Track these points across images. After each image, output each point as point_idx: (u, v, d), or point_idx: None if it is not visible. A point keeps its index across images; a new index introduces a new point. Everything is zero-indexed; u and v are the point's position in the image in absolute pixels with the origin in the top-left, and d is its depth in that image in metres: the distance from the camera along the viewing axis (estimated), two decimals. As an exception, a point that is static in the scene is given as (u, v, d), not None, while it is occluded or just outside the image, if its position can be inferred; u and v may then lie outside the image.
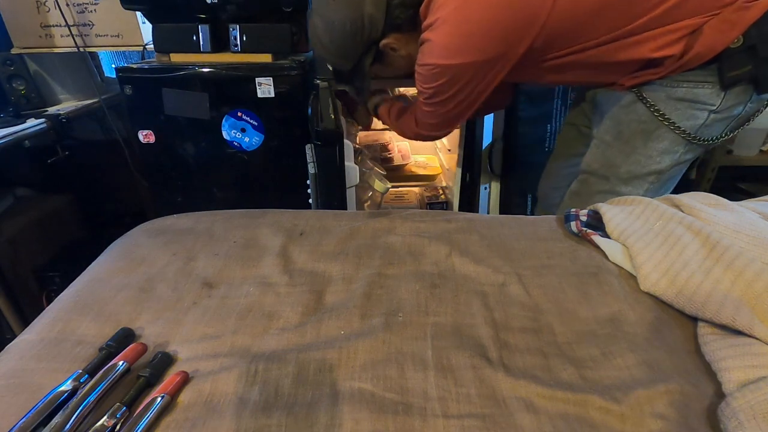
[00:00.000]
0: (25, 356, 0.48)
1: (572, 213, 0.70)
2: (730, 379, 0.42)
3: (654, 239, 0.58)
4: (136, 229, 0.72)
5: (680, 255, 0.54)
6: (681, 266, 0.53)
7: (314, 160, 1.11)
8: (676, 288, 0.52)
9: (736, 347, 0.45)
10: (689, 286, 0.51)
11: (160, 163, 1.39)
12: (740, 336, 0.46)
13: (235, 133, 1.31)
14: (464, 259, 0.62)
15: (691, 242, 0.55)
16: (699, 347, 0.48)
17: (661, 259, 0.55)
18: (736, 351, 0.44)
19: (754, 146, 1.58)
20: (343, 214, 0.75)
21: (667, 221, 0.60)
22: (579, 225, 0.68)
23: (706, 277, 0.50)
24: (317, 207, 1.18)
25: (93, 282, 0.60)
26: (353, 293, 0.56)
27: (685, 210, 0.61)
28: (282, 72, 1.26)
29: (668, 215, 0.61)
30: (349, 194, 1.14)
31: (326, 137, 1.08)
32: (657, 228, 0.60)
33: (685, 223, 0.58)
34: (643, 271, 0.56)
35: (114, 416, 0.40)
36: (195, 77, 1.26)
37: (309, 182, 1.14)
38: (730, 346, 0.45)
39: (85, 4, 1.34)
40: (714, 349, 0.46)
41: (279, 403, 0.42)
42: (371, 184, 1.24)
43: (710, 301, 0.48)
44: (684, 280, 0.52)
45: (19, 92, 1.39)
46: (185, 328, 0.52)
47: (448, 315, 0.53)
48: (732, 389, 0.41)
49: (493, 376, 0.45)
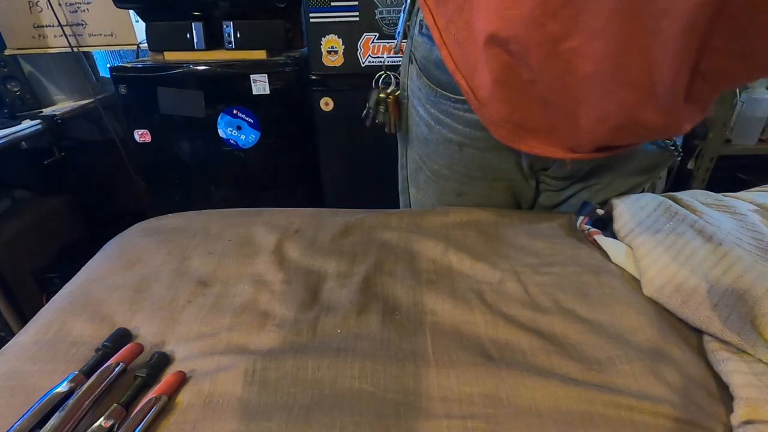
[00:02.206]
0: (21, 358, 0.48)
1: (591, 205, 0.67)
2: (740, 396, 0.41)
3: (662, 241, 0.56)
4: (131, 229, 0.72)
5: (687, 261, 0.52)
6: (688, 273, 0.51)
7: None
8: (680, 297, 0.50)
9: (744, 363, 0.43)
10: (695, 297, 0.49)
11: (156, 163, 1.39)
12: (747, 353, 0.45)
13: (231, 131, 1.30)
14: (461, 256, 0.61)
15: (701, 249, 0.53)
16: (705, 354, 0.47)
17: (668, 263, 0.53)
18: (742, 367, 0.43)
19: (753, 135, 1.57)
20: (338, 212, 0.74)
21: (678, 223, 0.57)
22: (584, 223, 0.65)
23: (713, 287, 0.48)
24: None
25: (88, 282, 0.60)
26: (349, 290, 0.56)
27: (697, 213, 0.60)
28: (277, 68, 1.26)
29: (680, 216, 0.58)
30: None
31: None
32: (667, 229, 0.57)
33: (697, 228, 0.55)
34: (648, 276, 0.54)
35: (111, 417, 0.40)
36: (190, 75, 1.26)
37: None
38: (739, 361, 0.44)
39: (78, 4, 1.33)
40: (721, 359, 0.45)
41: (278, 405, 0.42)
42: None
43: (716, 315, 0.47)
44: (690, 290, 0.50)
45: (14, 93, 1.38)
46: (181, 327, 0.51)
47: (446, 313, 0.53)
48: (741, 416, 0.39)
49: (495, 374, 0.44)
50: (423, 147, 0.73)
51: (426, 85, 0.66)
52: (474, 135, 0.65)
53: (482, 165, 0.68)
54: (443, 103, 0.65)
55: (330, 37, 1.21)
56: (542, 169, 0.70)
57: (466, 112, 0.63)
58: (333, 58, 1.24)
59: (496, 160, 0.68)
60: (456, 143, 0.67)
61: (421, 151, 0.74)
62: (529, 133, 0.58)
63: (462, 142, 0.67)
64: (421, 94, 0.68)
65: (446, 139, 0.68)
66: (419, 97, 0.69)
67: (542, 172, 0.70)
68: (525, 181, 0.72)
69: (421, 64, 0.65)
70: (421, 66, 0.66)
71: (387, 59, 0.80)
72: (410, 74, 0.70)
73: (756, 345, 0.44)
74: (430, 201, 0.79)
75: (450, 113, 0.65)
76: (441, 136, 0.68)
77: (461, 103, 0.62)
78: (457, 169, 0.70)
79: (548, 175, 0.70)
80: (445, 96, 0.64)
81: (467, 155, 0.68)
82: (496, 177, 0.70)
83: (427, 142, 0.71)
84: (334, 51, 1.23)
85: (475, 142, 0.65)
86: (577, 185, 0.71)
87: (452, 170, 0.71)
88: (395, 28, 1.19)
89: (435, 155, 0.71)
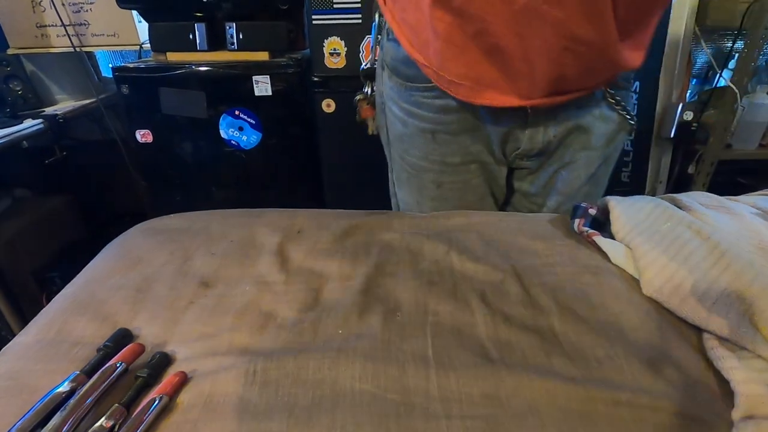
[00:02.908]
0: (22, 358, 0.48)
1: (582, 206, 0.68)
2: (741, 392, 0.41)
3: (660, 242, 0.57)
4: (133, 229, 0.72)
5: (686, 261, 0.53)
6: (686, 273, 0.51)
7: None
8: (679, 297, 0.51)
9: (743, 360, 0.44)
10: (694, 295, 0.49)
11: (158, 163, 1.39)
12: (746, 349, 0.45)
13: (232, 132, 1.31)
14: (463, 257, 0.62)
15: (699, 249, 0.53)
16: (704, 351, 0.47)
17: (666, 263, 0.54)
18: (742, 364, 0.43)
19: (754, 140, 1.58)
20: (340, 213, 0.74)
21: (676, 224, 0.58)
22: (581, 225, 0.66)
23: (711, 286, 0.49)
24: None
25: (89, 282, 0.60)
26: (351, 291, 0.56)
27: (694, 215, 0.60)
28: (279, 70, 1.26)
29: (677, 218, 0.59)
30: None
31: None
32: (665, 230, 0.58)
33: (695, 228, 0.56)
34: (647, 275, 0.55)
35: (112, 417, 0.40)
36: (192, 76, 1.26)
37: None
38: (739, 358, 0.44)
39: (81, 4, 1.34)
40: (721, 356, 0.45)
41: (279, 405, 0.42)
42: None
43: (714, 313, 0.47)
44: (688, 289, 0.50)
45: (16, 93, 1.39)
46: (183, 327, 0.51)
47: (447, 313, 0.53)
48: (742, 411, 0.40)
49: (495, 375, 0.44)
50: (400, 144, 0.79)
51: (397, 84, 0.73)
52: (444, 120, 0.71)
53: (455, 150, 0.74)
54: (414, 95, 0.71)
55: (332, 39, 1.22)
56: (514, 150, 0.73)
57: (435, 98, 0.69)
58: (335, 60, 1.24)
59: (468, 142, 0.73)
60: (429, 131, 0.73)
61: (399, 148, 0.80)
62: (486, 88, 0.63)
63: (434, 129, 0.72)
64: (394, 93, 0.74)
65: (420, 129, 0.73)
66: (392, 98, 0.75)
67: (515, 153, 0.74)
68: (497, 166, 0.77)
69: (391, 65, 0.73)
70: (391, 67, 0.73)
71: (362, 66, 0.86)
72: (383, 79, 0.77)
73: (755, 341, 0.44)
74: (413, 198, 0.83)
75: (420, 103, 0.71)
76: (415, 128, 0.74)
77: (429, 90, 0.68)
78: (432, 158, 0.75)
79: (520, 155, 0.74)
80: (414, 88, 0.70)
81: (440, 141, 0.73)
82: (470, 160, 0.75)
83: (402, 138, 0.77)
84: (336, 53, 1.23)
85: (446, 126, 0.71)
86: (552, 164, 0.76)
87: (429, 160, 0.76)
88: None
89: (411, 149, 0.77)
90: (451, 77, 0.64)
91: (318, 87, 1.28)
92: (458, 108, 0.69)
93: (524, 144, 0.71)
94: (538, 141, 0.71)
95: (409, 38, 0.66)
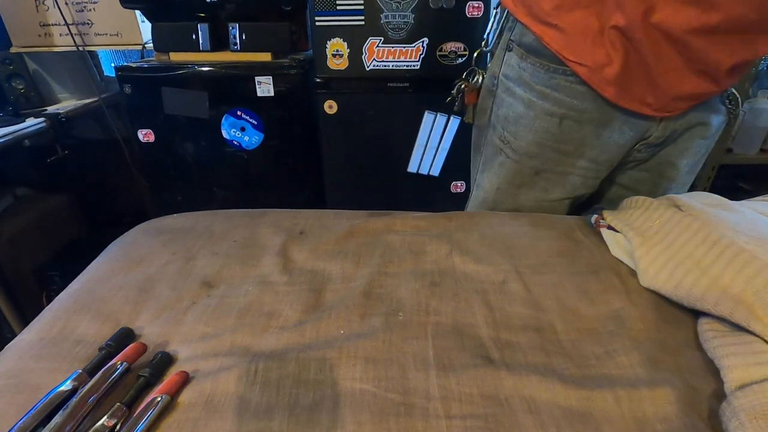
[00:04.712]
0: (25, 356, 0.48)
1: (601, 207, 0.73)
2: (732, 378, 0.42)
3: (654, 235, 0.59)
4: (135, 229, 0.72)
5: (680, 249, 0.55)
6: (680, 260, 0.54)
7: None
8: (674, 281, 0.52)
9: (738, 345, 0.45)
10: (687, 279, 0.51)
11: (159, 163, 1.39)
12: (741, 333, 0.46)
13: (234, 132, 1.31)
14: (465, 258, 0.62)
15: (691, 239, 0.55)
16: (700, 344, 0.48)
17: (660, 252, 0.56)
18: (737, 349, 0.44)
19: (755, 145, 1.58)
20: (343, 213, 0.74)
21: (666, 221, 0.61)
22: (599, 219, 0.70)
23: (705, 271, 0.51)
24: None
25: (92, 282, 0.60)
26: (353, 292, 0.56)
27: (685, 210, 0.62)
28: (281, 71, 1.26)
29: (667, 215, 0.61)
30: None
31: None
32: (657, 226, 0.61)
33: (684, 223, 0.58)
34: (642, 265, 0.57)
35: (114, 416, 0.40)
36: (194, 76, 1.26)
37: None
38: (732, 344, 0.45)
39: (84, 3, 1.34)
40: (715, 346, 0.46)
41: (280, 404, 0.42)
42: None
43: (708, 295, 0.49)
44: (682, 274, 0.52)
45: (19, 91, 1.39)
46: (185, 327, 0.52)
47: (448, 314, 0.53)
48: (734, 388, 0.41)
49: (495, 375, 0.45)
50: (511, 126, 0.77)
51: (535, 64, 0.71)
52: (578, 107, 0.70)
53: (576, 138, 0.73)
54: (556, 78, 0.70)
55: (335, 40, 1.22)
56: (642, 139, 0.74)
57: (577, 84, 0.69)
58: (338, 62, 1.24)
59: (589, 134, 0.73)
60: (557, 116, 0.72)
61: (507, 130, 0.79)
62: (633, 95, 0.67)
63: (564, 115, 0.72)
64: (526, 74, 0.73)
65: (548, 112, 0.72)
66: (520, 79, 0.74)
67: (642, 142, 0.74)
68: (604, 167, 0.77)
69: (535, 47, 0.71)
70: (535, 49, 0.71)
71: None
72: (508, 61, 0.76)
73: (749, 320, 0.45)
74: (497, 183, 0.83)
75: (560, 86, 0.70)
76: (542, 111, 0.73)
77: (574, 74, 0.68)
78: (548, 144, 0.75)
79: (646, 143, 0.74)
80: (560, 70, 0.69)
81: (565, 128, 0.73)
82: (582, 154, 0.75)
83: (518, 120, 0.76)
84: (339, 54, 1.23)
85: (578, 114, 0.71)
86: (665, 151, 0.77)
87: (542, 146, 0.75)
88: (400, 32, 1.20)
89: (527, 131, 0.75)
90: (606, 77, 0.66)
91: (320, 88, 1.28)
92: (597, 98, 0.70)
93: (654, 133, 0.73)
94: (662, 135, 0.73)
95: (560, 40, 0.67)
